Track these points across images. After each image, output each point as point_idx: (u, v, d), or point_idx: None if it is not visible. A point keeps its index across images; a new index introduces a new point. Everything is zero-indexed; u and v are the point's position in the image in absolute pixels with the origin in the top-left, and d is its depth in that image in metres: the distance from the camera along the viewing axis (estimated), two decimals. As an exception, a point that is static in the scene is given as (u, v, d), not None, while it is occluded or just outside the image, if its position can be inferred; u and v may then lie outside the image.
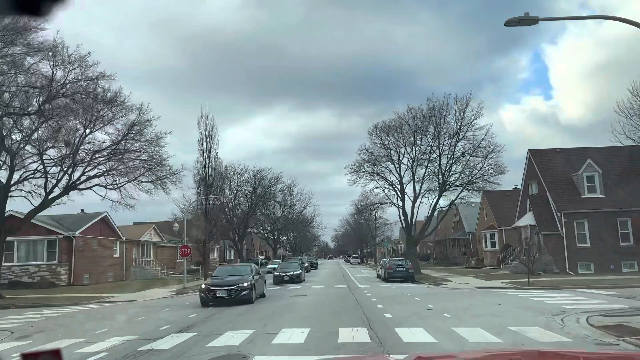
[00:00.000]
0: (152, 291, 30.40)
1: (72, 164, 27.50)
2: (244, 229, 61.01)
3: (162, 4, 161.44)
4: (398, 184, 43.17)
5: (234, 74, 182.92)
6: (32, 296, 27.45)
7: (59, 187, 28.50)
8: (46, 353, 1.51)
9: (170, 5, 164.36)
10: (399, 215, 43.68)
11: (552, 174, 36.79)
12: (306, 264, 51.49)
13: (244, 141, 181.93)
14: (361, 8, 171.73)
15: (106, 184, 29.65)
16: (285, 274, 34.69)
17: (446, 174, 41.13)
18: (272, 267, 47.83)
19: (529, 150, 39.73)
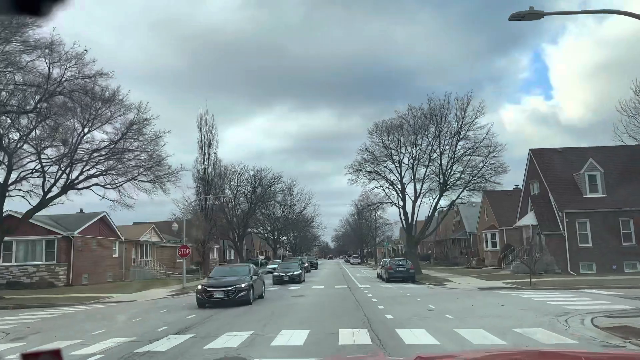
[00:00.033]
0: (151, 291, 30.18)
1: (70, 163, 27.29)
2: (244, 229, 60.83)
3: (162, 4, 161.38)
4: (398, 184, 43.02)
5: (234, 74, 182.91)
6: (30, 296, 27.23)
7: (57, 187, 28.34)
8: (46, 353, 1.52)
9: (170, 5, 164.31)
10: (400, 215, 43.53)
11: (554, 174, 36.55)
12: (306, 264, 51.23)
13: (244, 141, 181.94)
14: (361, 8, 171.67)
15: (105, 184, 29.45)
16: (285, 274, 34.42)
17: (447, 173, 40.92)
18: (272, 267, 47.60)
19: (530, 150, 39.52)
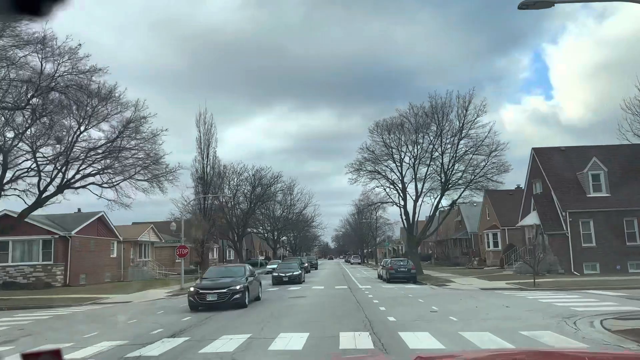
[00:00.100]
0: (149, 292, 29.76)
1: (66, 162, 26.85)
2: (243, 229, 60.41)
3: (162, 4, 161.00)
4: (399, 183, 42.59)
5: (234, 74, 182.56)
6: (26, 297, 26.80)
7: (53, 186, 27.89)
8: (46, 353, 1.52)
9: (170, 5, 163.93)
10: (401, 214, 43.10)
11: (557, 173, 36.08)
12: (306, 264, 50.76)
13: (244, 141, 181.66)
14: (361, 8, 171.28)
15: (101, 183, 29.00)
16: (284, 274, 33.95)
17: (448, 172, 40.48)
18: (271, 267, 47.19)
19: (532, 149, 39.04)
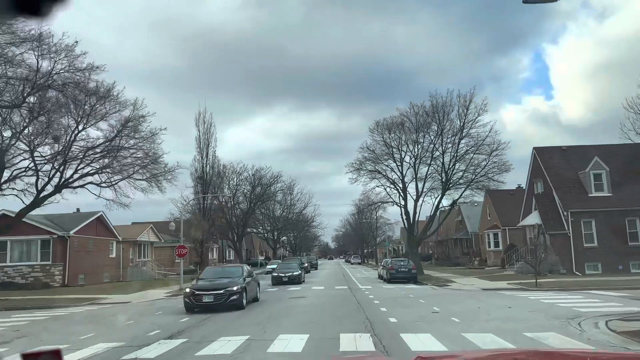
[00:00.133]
0: (148, 292, 29.55)
1: (64, 161, 26.64)
2: (243, 229, 60.24)
3: (162, 4, 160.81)
4: (400, 183, 42.36)
5: (234, 74, 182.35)
6: (24, 298, 26.59)
7: (51, 185, 27.70)
8: (46, 353, 1.52)
9: (170, 5, 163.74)
10: (401, 214, 42.92)
11: (558, 172, 35.84)
12: (306, 264, 50.53)
13: (244, 141, 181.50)
14: (361, 8, 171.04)
15: (100, 182, 28.81)
16: (284, 274, 33.71)
17: (449, 172, 40.27)
18: (271, 267, 47.01)
19: (534, 148, 38.79)
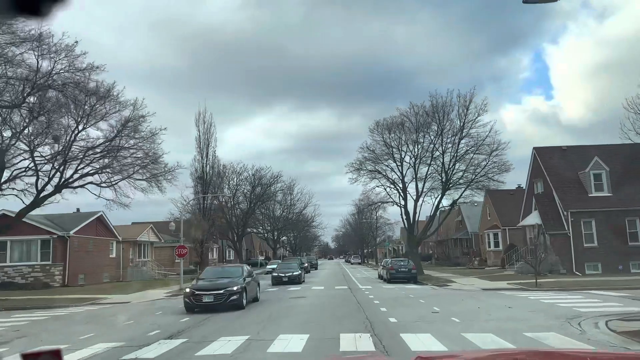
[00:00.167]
0: (148, 292, 29.54)
1: (64, 161, 26.63)
2: (243, 229, 60.23)
3: (162, 4, 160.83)
4: (400, 183, 42.36)
5: (234, 74, 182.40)
6: (24, 298, 26.59)
7: (51, 185, 27.69)
8: (46, 353, 1.52)
9: (170, 5, 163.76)
10: (401, 214, 42.92)
11: (558, 172, 35.82)
12: (306, 264, 50.52)
13: (244, 141, 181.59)
14: (361, 8, 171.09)
15: (100, 182, 28.80)
16: (284, 274, 33.69)
17: (449, 172, 40.27)
18: (271, 267, 47.02)
19: (534, 148, 38.78)
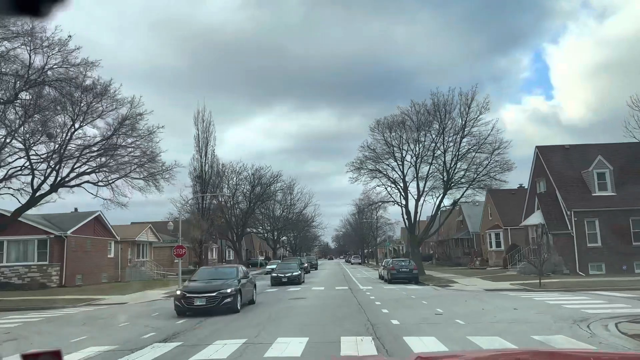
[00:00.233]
0: (146, 293, 29.16)
1: (60, 160, 26.22)
2: (243, 229, 59.81)
3: (162, 4, 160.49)
4: (401, 182, 41.94)
5: (234, 74, 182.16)
6: (19, 298, 26.19)
7: (47, 184, 27.30)
8: (46, 353, 1.52)
9: (170, 5, 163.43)
10: (402, 214, 42.51)
11: (561, 171, 35.43)
12: (306, 264, 50.11)
13: (244, 141, 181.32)
14: (361, 8, 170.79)
15: (97, 181, 28.39)
16: (283, 275, 33.25)
17: (451, 171, 39.85)
18: (271, 267, 46.62)
19: (536, 147, 38.39)
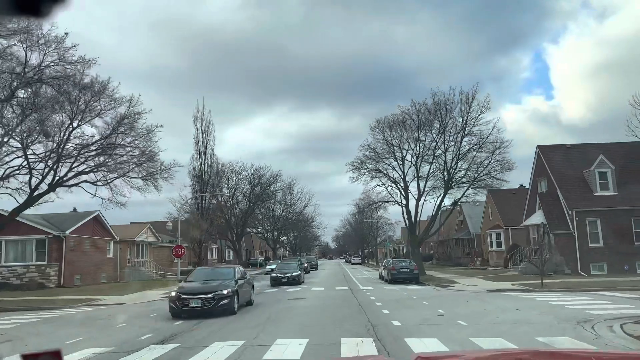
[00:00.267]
0: (145, 293, 28.96)
1: (58, 159, 26.02)
2: (242, 229, 59.60)
3: (162, 4, 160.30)
4: (401, 182, 41.74)
5: (234, 74, 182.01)
6: (17, 299, 25.98)
7: (45, 183, 27.10)
8: (46, 354, 1.52)
9: (170, 5, 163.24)
10: (402, 214, 42.32)
11: (562, 171, 35.23)
12: (305, 264, 49.90)
13: (244, 141, 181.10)
14: (361, 8, 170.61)
15: (95, 181, 28.20)
16: (283, 275, 33.03)
17: (452, 170, 39.64)
18: (271, 267, 46.42)
19: (537, 147, 38.19)
